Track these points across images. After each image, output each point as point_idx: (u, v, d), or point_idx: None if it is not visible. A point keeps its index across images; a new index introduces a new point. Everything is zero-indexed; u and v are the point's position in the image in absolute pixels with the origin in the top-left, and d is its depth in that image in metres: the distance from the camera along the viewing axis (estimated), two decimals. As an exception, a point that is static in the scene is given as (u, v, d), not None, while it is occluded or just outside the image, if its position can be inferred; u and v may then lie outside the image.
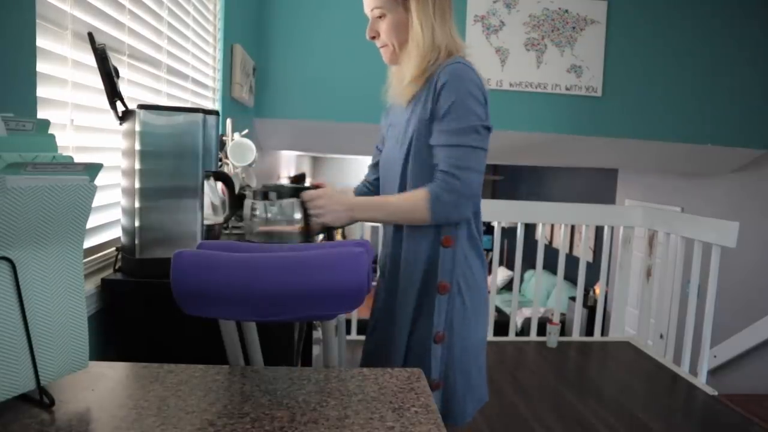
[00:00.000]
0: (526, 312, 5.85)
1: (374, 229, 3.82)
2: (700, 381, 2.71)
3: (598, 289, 3.74)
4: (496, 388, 2.54)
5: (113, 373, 0.77)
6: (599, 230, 3.99)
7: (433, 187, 1.13)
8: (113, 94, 1.06)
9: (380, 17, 1.20)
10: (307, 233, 1.21)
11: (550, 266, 4.28)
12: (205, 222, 1.21)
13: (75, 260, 0.70)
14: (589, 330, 4.49)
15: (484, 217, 3.31)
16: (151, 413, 0.66)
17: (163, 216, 1.11)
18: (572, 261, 5.45)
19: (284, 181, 4.48)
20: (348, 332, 3.07)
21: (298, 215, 1.18)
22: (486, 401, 1.29)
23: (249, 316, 0.84)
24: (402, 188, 1.22)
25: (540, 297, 4.05)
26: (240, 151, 1.73)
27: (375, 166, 1.42)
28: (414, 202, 1.14)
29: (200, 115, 1.12)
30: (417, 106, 1.21)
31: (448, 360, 1.19)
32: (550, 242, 7.00)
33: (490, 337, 3.28)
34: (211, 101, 2.29)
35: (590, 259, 5.83)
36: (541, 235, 3.31)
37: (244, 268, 0.79)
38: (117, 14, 1.28)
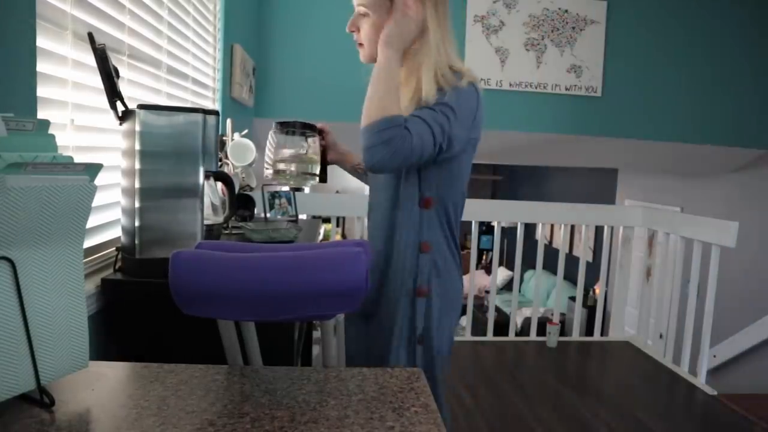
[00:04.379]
0: (526, 312, 5.85)
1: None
2: (700, 381, 2.71)
3: (598, 289, 3.74)
4: (496, 388, 2.54)
5: (113, 373, 0.77)
6: (599, 230, 3.99)
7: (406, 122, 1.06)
8: (113, 94, 1.06)
9: (364, 15, 1.16)
10: (324, 168, 1.33)
11: (550, 266, 4.28)
12: (205, 222, 1.21)
13: (75, 260, 0.70)
14: (588, 330, 4.50)
15: (484, 217, 3.33)
16: (151, 413, 0.66)
17: (163, 216, 1.11)
18: (572, 261, 5.45)
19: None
20: (348, 332, 3.06)
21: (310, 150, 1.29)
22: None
23: (247, 317, 0.84)
24: (394, 203, 1.20)
25: (540, 297, 4.06)
26: (240, 151, 1.73)
27: None
28: (393, 112, 1.05)
29: (200, 115, 1.12)
30: None
31: (428, 359, 1.19)
32: (550, 242, 7.00)
33: (490, 337, 3.29)
34: (211, 101, 2.29)
35: (590, 259, 5.83)
36: (541, 235, 3.31)
37: (242, 269, 0.79)
38: (117, 14, 1.28)
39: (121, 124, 1.10)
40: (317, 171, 1.34)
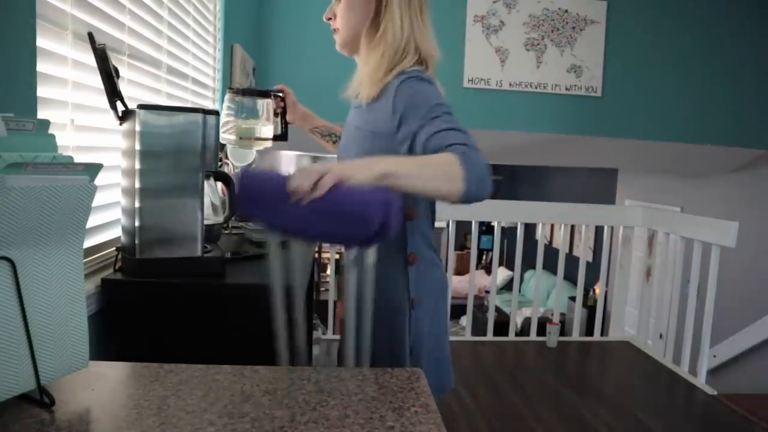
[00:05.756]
0: (526, 312, 5.85)
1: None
2: (700, 381, 2.71)
3: (598, 289, 3.74)
4: (496, 388, 2.54)
5: (113, 373, 0.77)
6: (599, 230, 3.99)
7: (450, 150, 0.91)
8: (113, 94, 1.06)
9: (338, 0, 1.12)
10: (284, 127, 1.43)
11: (550, 266, 4.28)
12: (205, 222, 1.20)
13: (75, 260, 0.70)
14: (588, 330, 4.49)
15: (484, 216, 3.33)
16: (151, 413, 0.66)
17: (163, 216, 1.11)
18: (572, 261, 5.45)
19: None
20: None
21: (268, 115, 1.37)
22: (452, 387, 1.28)
23: (292, 227, 0.84)
24: None
25: (540, 297, 4.05)
26: (240, 152, 1.73)
27: None
28: (443, 158, 0.90)
29: (200, 115, 1.12)
30: (372, 113, 1.09)
31: (420, 362, 1.16)
32: (550, 242, 7.00)
33: (490, 337, 3.29)
34: (211, 101, 2.29)
35: (590, 259, 5.83)
36: (541, 235, 3.31)
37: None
38: (117, 14, 1.28)
39: (121, 124, 1.10)
40: (270, 134, 1.41)
